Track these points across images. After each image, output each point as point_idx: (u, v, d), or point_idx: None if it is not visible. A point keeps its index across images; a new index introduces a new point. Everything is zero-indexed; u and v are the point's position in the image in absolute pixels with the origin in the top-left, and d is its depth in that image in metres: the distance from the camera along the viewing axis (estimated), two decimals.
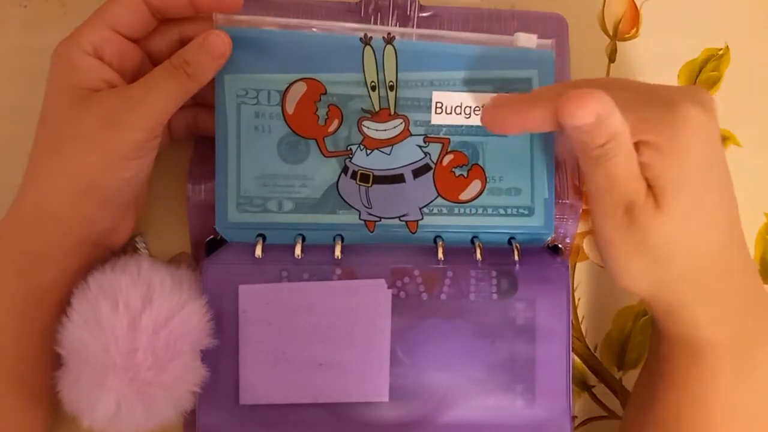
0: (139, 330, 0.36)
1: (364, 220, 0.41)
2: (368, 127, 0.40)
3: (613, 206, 0.35)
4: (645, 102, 0.35)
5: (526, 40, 0.40)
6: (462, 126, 0.41)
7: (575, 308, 0.47)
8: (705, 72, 0.48)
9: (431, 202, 0.41)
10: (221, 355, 0.39)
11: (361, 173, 0.41)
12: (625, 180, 0.34)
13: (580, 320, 0.47)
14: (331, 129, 0.40)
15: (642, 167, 0.35)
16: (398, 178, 0.41)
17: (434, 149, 0.41)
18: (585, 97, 0.32)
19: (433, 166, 0.41)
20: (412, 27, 0.45)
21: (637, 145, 0.34)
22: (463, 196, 0.41)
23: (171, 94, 0.36)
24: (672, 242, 0.35)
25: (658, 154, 0.34)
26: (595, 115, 0.32)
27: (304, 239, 0.41)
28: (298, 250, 0.40)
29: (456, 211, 0.42)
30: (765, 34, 0.49)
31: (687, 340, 0.38)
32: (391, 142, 0.41)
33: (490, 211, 0.42)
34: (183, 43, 0.38)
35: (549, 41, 0.41)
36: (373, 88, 0.40)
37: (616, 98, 0.33)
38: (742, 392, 0.38)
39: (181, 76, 0.36)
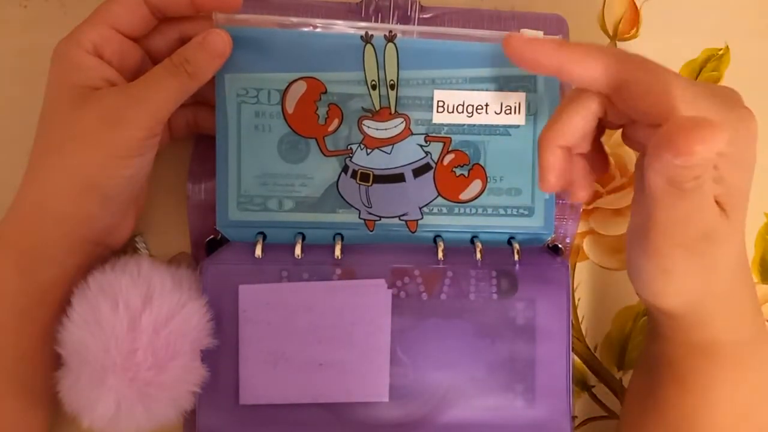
0: (139, 330, 0.36)
1: (364, 219, 0.41)
2: (369, 126, 0.40)
3: (689, 236, 0.32)
4: (716, 106, 0.32)
5: (532, 36, 0.40)
6: (464, 125, 0.41)
7: (575, 308, 0.47)
8: (705, 72, 0.48)
9: (431, 201, 0.41)
10: (221, 355, 0.39)
11: (362, 172, 0.41)
12: (707, 206, 0.32)
13: (580, 320, 0.47)
14: (331, 128, 0.40)
15: (716, 181, 0.32)
16: (398, 178, 0.41)
17: (435, 148, 0.41)
18: (708, 129, 0.27)
19: (433, 165, 0.41)
20: (413, 26, 0.45)
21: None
22: (464, 196, 0.41)
23: (171, 92, 0.36)
24: (735, 254, 0.34)
25: (733, 167, 0.32)
26: (713, 152, 0.27)
27: (304, 238, 0.41)
28: (298, 250, 0.40)
29: (456, 210, 0.42)
30: (765, 34, 0.49)
31: (713, 344, 0.37)
32: (391, 141, 0.41)
33: (490, 211, 0.42)
34: (183, 41, 0.38)
35: (557, 37, 0.40)
36: (374, 87, 0.40)
37: (685, 100, 0.30)
38: (757, 390, 0.38)
39: (181, 75, 0.36)
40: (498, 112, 0.41)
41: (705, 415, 0.38)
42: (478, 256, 0.41)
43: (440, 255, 0.41)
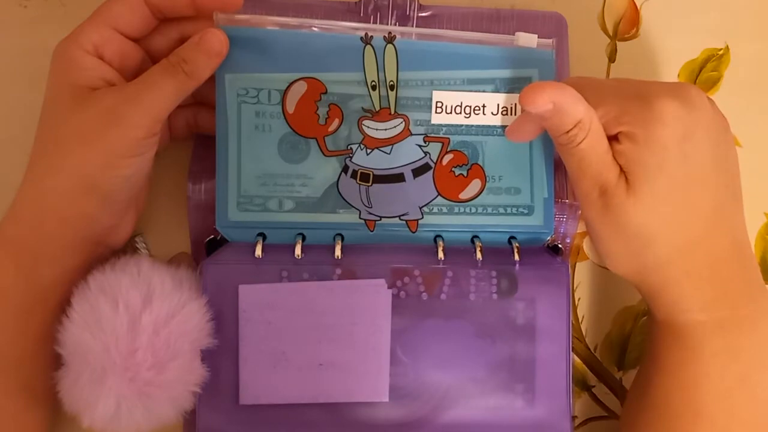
0: (139, 330, 0.36)
1: (364, 220, 0.41)
2: (368, 127, 0.40)
3: (588, 190, 0.37)
4: (628, 97, 0.37)
5: (527, 39, 0.40)
6: (462, 125, 0.41)
7: (575, 308, 0.47)
8: (705, 72, 0.48)
9: (431, 201, 0.41)
10: (221, 355, 0.39)
11: (362, 172, 0.41)
12: (596, 164, 0.37)
13: (580, 320, 0.47)
14: (331, 128, 0.40)
15: (618, 155, 0.37)
16: (398, 178, 0.41)
17: (434, 149, 0.41)
18: (542, 87, 0.36)
19: (433, 165, 0.41)
20: (412, 27, 0.45)
21: (618, 136, 0.37)
22: (463, 196, 0.41)
23: (168, 92, 0.36)
24: (648, 225, 0.37)
25: (633, 144, 0.36)
26: (550, 103, 0.35)
27: (304, 238, 0.41)
28: (298, 250, 0.40)
29: (456, 210, 0.42)
30: (765, 34, 0.49)
31: (671, 322, 0.39)
32: (391, 141, 0.41)
33: (489, 210, 0.42)
34: (183, 42, 0.38)
35: (549, 41, 0.41)
36: (374, 88, 0.40)
37: (603, 93, 0.37)
38: (729, 375, 0.38)
39: (179, 74, 0.36)
40: (495, 112, 0.41)
41: (682, 394, 0.39)
42: (479, 255, 0.41)
43: (440, 255, 0.41)
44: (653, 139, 0.36)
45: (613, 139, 0.37)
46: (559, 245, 0.44)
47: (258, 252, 0.40)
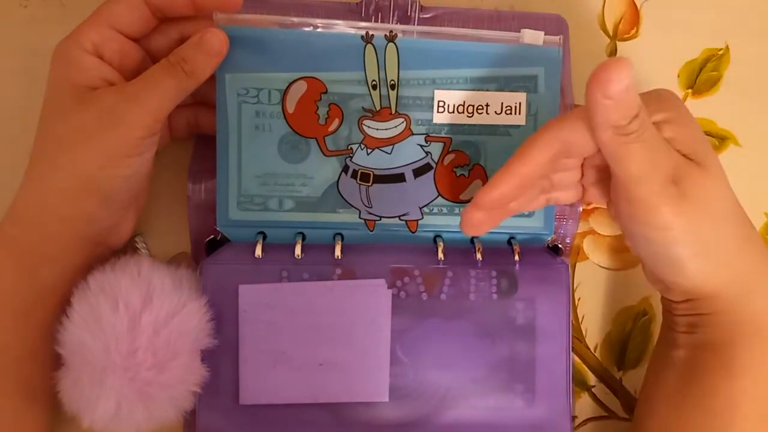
0: (139, 330, 0.36)
1: (364, 219, 0.41)
2: (369, 126, 0.40)
3: (659, 184, 0.34)
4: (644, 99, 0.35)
5: (533, 36, 0.40)
6: (464, 125, 0.41)
7: (575, 308, 0.47)
8: (705, 72, 0.48)
9: (431, 201, 0.41)
10: (221, 355, 0.39)
11: (362, 172, 0.41)
12: (665, 151, 0.34)
13: (580, 320, 0.47)
14: (331, 128, 0.40)
15: (670, 142, 0.35)
16: (399, 178, 0.41)
17: (435, 148, 0.41)
18: (617, 61, 0.31)
19: (434, 165, 0.41)
20: (414, 25, 0.45)
21: (657, 125, 0.35)
22: (464, 196, 0.41)
23: (168, 91, 0.36)
24: (727, 199, 0.36)
25: (678, 126, 0.35)
26: (629, 80, 0.31)
27: (304, 238, 0.41)
28: (298, 250, 0.40)
29: (456, 210, 0.42)
30: (765, 34, 0.49)
31: (761, 317, 0.37)
32: (392, 141, 0.41)
33: None
34: (183, 42, 0.38)
35: (557, 38, 0.40)
36: (375, 87, 0.40)
37: None
38: None
39: (179, 74, 0.36)
40: (498, 112, 0.41)
41: (759, 396, 0.37)
42: (479, 256, 0.41)
43: (440, 255, 0.41)
44: (689, 118, 0.36)
45: None
46: (559, 245, 0.44)
47: (258, 252, 0.40)
